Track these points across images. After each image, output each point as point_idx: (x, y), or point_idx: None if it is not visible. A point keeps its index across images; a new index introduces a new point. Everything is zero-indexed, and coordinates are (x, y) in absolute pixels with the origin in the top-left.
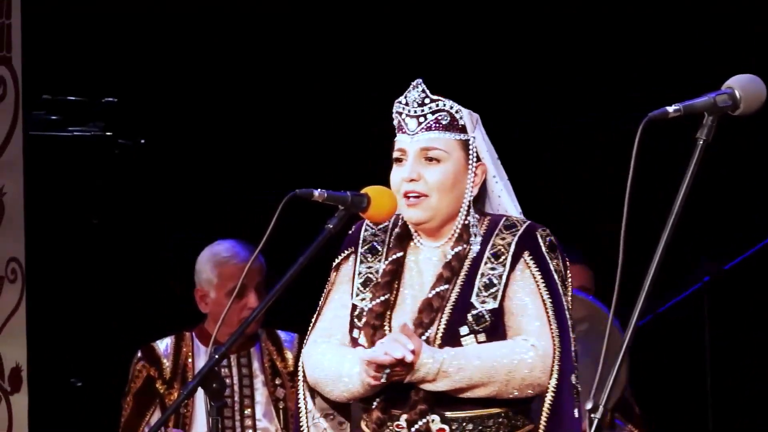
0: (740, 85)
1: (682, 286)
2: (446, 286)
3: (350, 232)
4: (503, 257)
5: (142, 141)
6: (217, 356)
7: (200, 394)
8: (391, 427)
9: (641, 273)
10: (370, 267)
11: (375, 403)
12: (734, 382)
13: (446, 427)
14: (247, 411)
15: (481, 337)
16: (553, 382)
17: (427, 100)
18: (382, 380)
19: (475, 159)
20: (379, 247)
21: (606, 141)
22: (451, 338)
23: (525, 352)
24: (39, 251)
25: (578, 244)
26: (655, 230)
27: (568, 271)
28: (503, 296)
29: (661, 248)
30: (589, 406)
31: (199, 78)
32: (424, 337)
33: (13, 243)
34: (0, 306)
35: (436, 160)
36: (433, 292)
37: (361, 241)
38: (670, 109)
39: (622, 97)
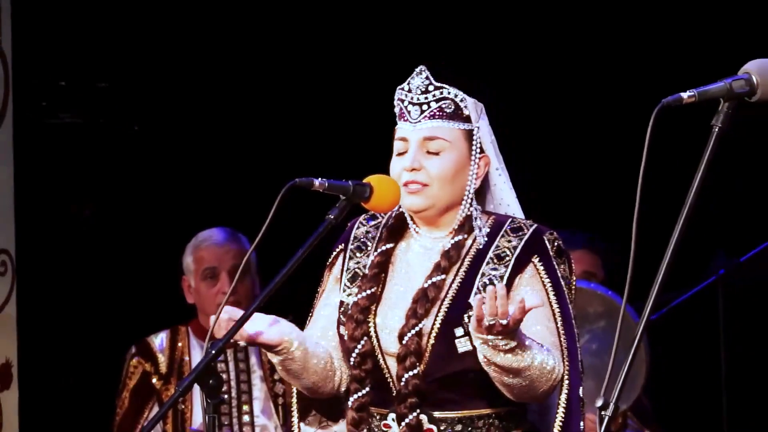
0: (758, 69)
1: (697, 278)
2: (443, 276)
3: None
4: (507, 259)
5: (136, 128)
6: (213, 351)
7: (198, 389)
8: (368, 426)
9: (655, 263)
10: (358, 262)
11: (351, 403)
12: (750, 378)
13: (434, 428)
14: (245, 407)
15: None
16: (563, 397)
17: (431, 87)
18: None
19: (478, 150)
20: (369, 243)
21: (623, 125)
22: (446, 337)
23: (543, 363)
24: (29, 243)
25: (588, 231)
26: (669, 220)
27: (573, 276)
28: None
29: (675, 240)
30: (599, 403)
31: (196, 62)
32: (417, 329)
33: (2, 234)
34: None
35: (439, 149)
36: (429, 281)
37: (351, 239)
38: (685, 95)
39: (636, 79)
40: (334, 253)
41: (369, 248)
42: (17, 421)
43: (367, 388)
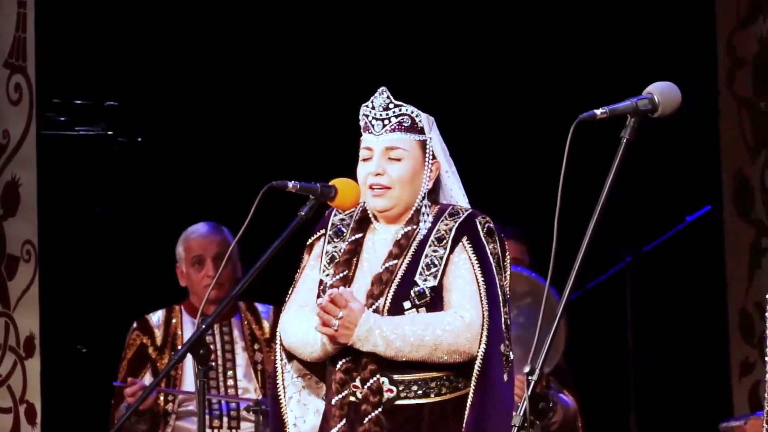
0: (659, 90)
1: (608, 264)
2: (395, 262)
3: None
4: (445, 241)
5: (139, 139)
6: (203, 326)
7: (188, 358)
8: (349, 387)
9: (573, 251)
10: (335, 247)
11: (338, 366)
12: (651, 346)
13: (394, 388)
14: (230, 373)
15: (422, 311)
16: (482, 349)
17: (391, 105)
18: (335, 326)
19: (431, 157)
20: (344, 230)
21: (548, 137)
22: (396, 311)
23: (452, 322)
24: (50, 234)
25: (518, 225)
26: (586, 215)
27: (507, 254)
28: (443, 275)
29: (591, 232)
30: (526, 369)
31: (190, 83)
32: (373, 307)
33: (27, 227)
34: (16, 282)
35: (398, 157)
36: (383, 267)
37: (330, 225)
38: (598, 111)
39: (559, 99)
40: (314, 237)
41: (344, 234)
42: (39, 383)
43: (352, 355)
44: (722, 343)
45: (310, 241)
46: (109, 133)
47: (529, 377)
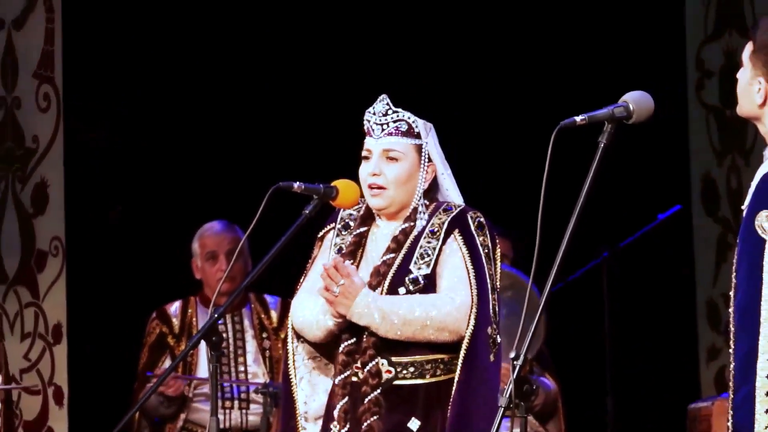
0: (633, 99)
1: (587, 259)
2: (392, 255)
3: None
4: (438, 233)
5: (156, 143)
6: (216, 315)
7: (202, 345)
8: (352, 369)
9: (554, 247)
10: (343, 239)
11: (341, 348)
12: (627, 333)
13: (392, 369)
14: (240, 359)
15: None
16: (470, 330)
17: (389, 111)
18: (335, 292)
19: (426, 160)
20: (351, 224)
21: (531, 143)
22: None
23: (442, 301)
24: (77, 231)
25: (505, 222)
26: (566, 214)
27: (497, 247)
28: (435, 263)
29: (571, 229)
30: (512, 355)
31: (195, 92)
32: None
33: (55, 224)
34: (45, 275)
35: (395, 159)
36: (381, 260)
37: (339, 219)
38: (578, 118)
39: (543, 106)
40: (325, 230)
41: (351, 228)
42: (66, 368)
43: (355, 338)
44: (691, 331)
45: (321, 233)
46: (127, 137)
47: (514, 362)
